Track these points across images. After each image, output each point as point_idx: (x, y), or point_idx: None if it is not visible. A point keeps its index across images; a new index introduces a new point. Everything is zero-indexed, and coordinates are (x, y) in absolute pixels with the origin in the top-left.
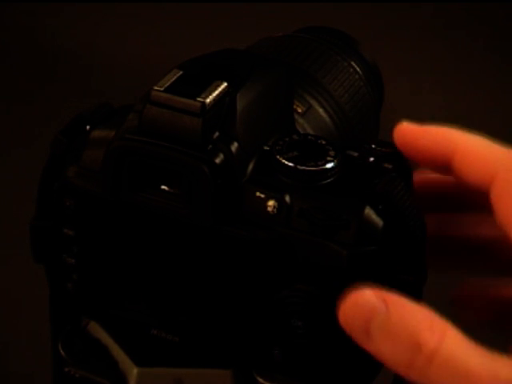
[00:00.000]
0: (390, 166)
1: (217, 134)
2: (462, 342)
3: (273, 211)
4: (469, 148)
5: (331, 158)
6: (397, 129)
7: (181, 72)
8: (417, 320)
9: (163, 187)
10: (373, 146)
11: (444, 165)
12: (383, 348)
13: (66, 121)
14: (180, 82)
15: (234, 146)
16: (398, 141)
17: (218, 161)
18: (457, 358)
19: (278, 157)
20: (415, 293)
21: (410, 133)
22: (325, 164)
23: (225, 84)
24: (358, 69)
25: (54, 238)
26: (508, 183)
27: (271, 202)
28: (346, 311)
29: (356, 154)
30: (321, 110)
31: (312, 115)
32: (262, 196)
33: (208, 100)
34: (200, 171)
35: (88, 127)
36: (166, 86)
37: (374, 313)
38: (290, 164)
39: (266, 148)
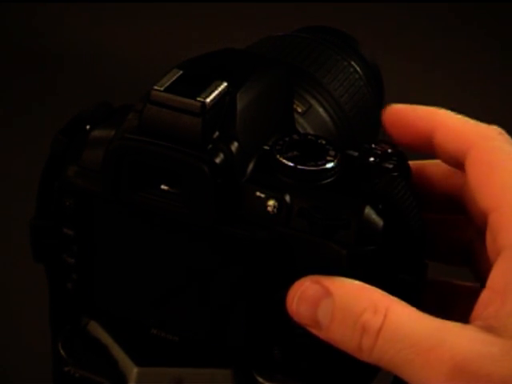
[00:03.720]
0: (390, 166)
1: (217, 133)
2: (406, 315)
3: (273, 211)
4: (447, 122)
5: (331, 158)
6: (386, 109)
7: (181, 72)
8: (360, 302)
9: (163, 187)
10: (373, 145)
11: (426, 141)
12: (333, 334)
13: (66, 120)
14: (180, 82)
15: (234, 146)
16: (387, 120)
17: (217, 160)
18: (402, 331)
19: (278, 156)
20: (415, 292)
21: (397, 111)
22: (325, 164)
23: (225, 84)
24: (357, 68)
25: (53, 237)
26: (481, 150)
27: (271, 202)
28: (293, 305)
29: (356, 154)
30: (321, 110)
31: (312, 115)
32: (262, 196)
33: (208, 100)
34: (200, 171)
35: (88, 127)
36: (165, 85)
37: (318, 301)
38: (290, 164)
39: (265, 148)
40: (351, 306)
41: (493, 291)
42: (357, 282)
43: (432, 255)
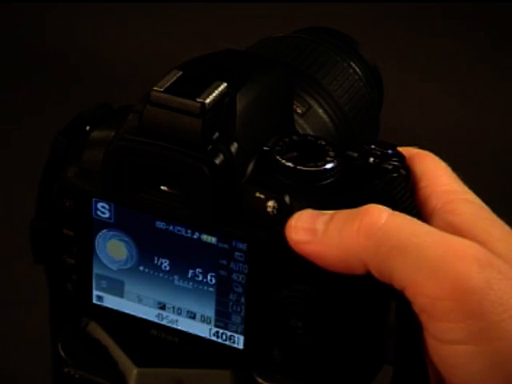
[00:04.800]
0: (390, 167)
1: (216, 134)
2: (410, 219)
3: (272, 211)
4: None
5: (331, 159)
6: None
7: (180, 72)
8: (360, 209)
9: (163, 188)
10: (372, 146)
11: None
12: (328, 238)
13: (66, 121)
14: (180, 83)
15: (234, 147)
16: None
17: (217, 161)
18: (404, 232)
19: (277, 157)
20: None
21: None
22: (324, 164)
23: (224, 84)
24: (357, 69)
25: (53, 238)
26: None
27: (271, 203)
28: (292, 221)
29: (356, 155)
30: (320, 111)
31: (312, 116)
32: (262, 196)
33: (208, 100)
34: (200, 172)
35: (88, 127)
36: (165, 86)
37: (318, 215)
38: (290, 164)
39: (265, 148)
40: (351, 213)
41: None
42: None
43: None
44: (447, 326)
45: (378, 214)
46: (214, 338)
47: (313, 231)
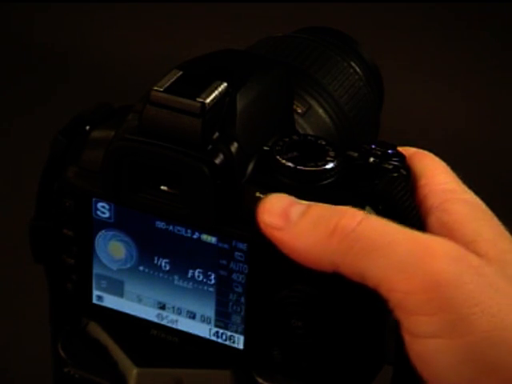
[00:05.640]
0: (390, 167)
1: (217, 134)
2: (382, 220)
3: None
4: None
5: (331, 159)
6: None
7: (180, 72)
8: (336, 209)
9: (163, 188)
10: (373, 146)
11: None
12: (299, 229)
13: (66, 121)
14: (180, 83)
15: (234, 147)
16: None
17: (217, 161)
18: (376, 232)
19: (277, 157)
20: None
21: None
22: (325, 164)
23: (225, 84)
24: (357, 69)
25: (53, 238)
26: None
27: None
28: (267, 203)
29: (356, 155)
30: (321, 111)
31: (312, 116)
32: (262, 196)
33: (208, 100)
34: (200, 172)
35: (88, 127)
36: (165, 86)
37: (294, 203)
38: (290, 164)
39: (265, 148)
40: (326, 210)
41: None
42: None
43: None
44: (419, 319)
45: (353, 218)
46: (214, 338)
47: (286, 218)
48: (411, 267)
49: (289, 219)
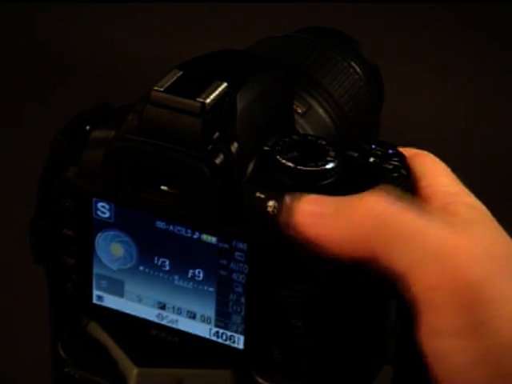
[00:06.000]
0: (390, 167)
1: (217, 134)
2: (411, 209)
3: (273, 211)
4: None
5: (331, 159)
6: None
7: (181, 72)
8: (364, 195)
9: (163, 188)
10: (373, 146)
11: None
12: (336, 221)
13: (66, 121)
14: (180, 83)
15: (234, 147)
16: None
17: (218, 161)
18: (407, 219)
19: (277, 157)
20: None
21: None
22: (325, 164)
23: (225, 84)
24: (357, 69)
25: (53, 238)
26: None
27: (271, 203)
28: (301, 204)
29: (356, 155)
30: (321, 111)
31: (312, 116)
32: (262, 196)
33: (208, 100)
34: (200, 172)
35: (88, 127)
36: (165, 86)
37: (325, 198)
38: (290, 164)
39: (266, 148)
40: (358, 196)
41: None
42: None
43: None
44: (442, 315)
45: (384, 200)
46: (214, 338)
47: (319, 214)
48: (443, 261)
49: (321, 214)
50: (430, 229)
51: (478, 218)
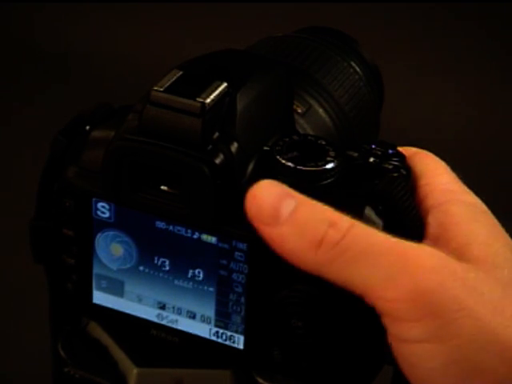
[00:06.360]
0: (390, 167)
1: (217, 134)
2: (368, 229)
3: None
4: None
5: (331, 159)
6: None
7: (181, 72)
8: (323, 216)
9: (163, 187)
10: (373, 146)
11: None
12: (290, 228)
13: (66, 121)
14: (180, 82)
15: (234, 147)
16: None
17: (217, 161)
18: (362, 242)
19: (277, 157)
20: None
21: None
22: (325, 164)
23: (225, 84)
24: (357, 69)
25: (53, 238)
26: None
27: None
28: (257, 194)
29: (356, 155)
30: (321, 111)
31: (312, 116)
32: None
33: (208, 100)
34: (200, 172)
35: (88, 127)
36: (165, 86)
37: (284, 196)
38: (290, 164)
39: (266, 148)
40: (314, 215)
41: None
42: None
43: None
44: (406, 325)
45: (340, 228)
46: (214, 338)
47: (275, 216)
48: (396, 276)
49: (277, 217)
50: (385, 246)
51: (470, 217)
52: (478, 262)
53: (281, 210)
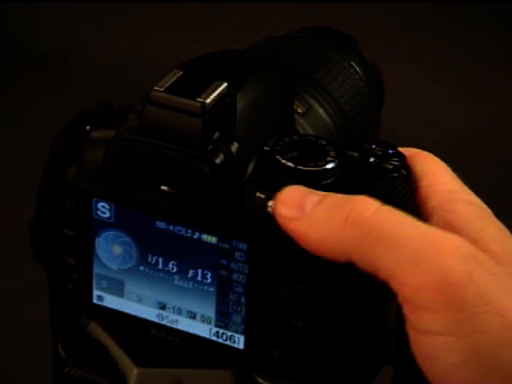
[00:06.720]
0: (390, 167)
1: (217, 134)
2: (398, 212)
3: (273, 211)
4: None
5: (331, 159)
6: None
7: (181, 72)
8: (351, 198)
9: (163, 187)
10: (373, 146)
11: None
12: (316, 221)
13: (66, 121)
14: (180, 83)
15: (234, 147)
16: None
17: (218, 161)
18: (390, 224)
19: (278, 157)
20: None
21: None
22: (325, 164)
23: (225, 84)
24: (358, 69)
25: (53, 238)
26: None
27: (271, 203)
28: (282, 195)
29: (356, 155)
30: (321, 111)
31: (312, 116)
32: (262, 196)
33: (208, 100)
34: (200, 171)
35: (88, 127)
36: (165, 86)
37: (309, 193)
38: (290, 164)
39: (266, 148)
40: (341, 199)
41: None
42: None
43: None
44: (428, 315)
45: (367, 205)
46: (214, 338)
47: (301, 209)
48: (423, 263)
49: (303, 209)
50: (415, 231)
51: (477, 215)
52: (499, 257)
53: (306, 204)
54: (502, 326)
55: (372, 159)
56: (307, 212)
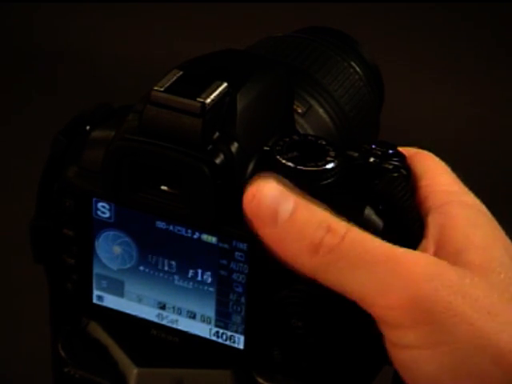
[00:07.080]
0: (390, 167)
1: (217, 134)
2: (364, 235)
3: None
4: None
5: (331, 159)
6: None
7: (181, 72)
8: (321, 220)
9: (163, 187)
10: (373, 146)
11: None
12: (288, 230)
13: (66, 121)
14: (180, 82)
15: (234, 147)
16: None
17: (218, 161)
18: (358, 249)
19: (278, 157)
20: None
21: None
22: (325, 164)
23: (225, 84)
24: (358, 69)
25: (53, 238)
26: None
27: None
28: (256, 194)
29: (356, 155)
30: (321, 111)
31: (312, 116)
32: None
33: (208, 100)
34: (200, 171)
35: (88, 127)
36: (165, 86)
37: (284, 200)
38: (290, 164)
39: (266, 148)
40: (312, 218)
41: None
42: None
43: None
44: (401, 332)
45: (337, 233)
46: (214, 338)
47: (274, 217)
48: (391, 283)
49: (275, 218)
50: (380, 254)
51: (468, 221)
52: (474, 266)
53: (279, 212)
54: (473, 334)
55: (372, 159)
56: (279, 222)
